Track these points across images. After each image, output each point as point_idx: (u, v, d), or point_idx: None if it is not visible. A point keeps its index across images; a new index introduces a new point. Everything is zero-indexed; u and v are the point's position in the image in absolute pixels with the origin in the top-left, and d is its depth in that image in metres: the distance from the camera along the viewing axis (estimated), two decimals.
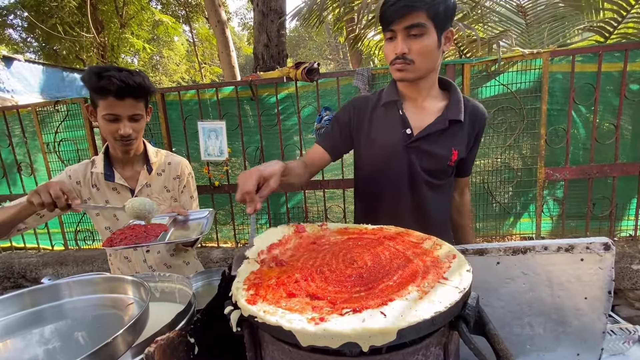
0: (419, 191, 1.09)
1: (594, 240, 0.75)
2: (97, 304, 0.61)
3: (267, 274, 0.53)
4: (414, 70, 1.00)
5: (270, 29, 3.21)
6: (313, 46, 17.11)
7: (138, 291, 0.60)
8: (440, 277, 0.47)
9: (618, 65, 2.20)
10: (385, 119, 1.09)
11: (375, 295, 0.44)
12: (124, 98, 1.07)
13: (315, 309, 0.42)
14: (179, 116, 2.72)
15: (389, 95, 1.10)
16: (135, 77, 1.08)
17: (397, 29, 0.96)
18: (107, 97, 1.06)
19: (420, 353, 0.42)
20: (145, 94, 1.13)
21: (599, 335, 0.80)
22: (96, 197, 1.22)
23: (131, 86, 1.06)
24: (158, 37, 11.27)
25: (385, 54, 1.03)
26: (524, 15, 3.37)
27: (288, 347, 0.43)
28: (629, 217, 2.42)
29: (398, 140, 1.07)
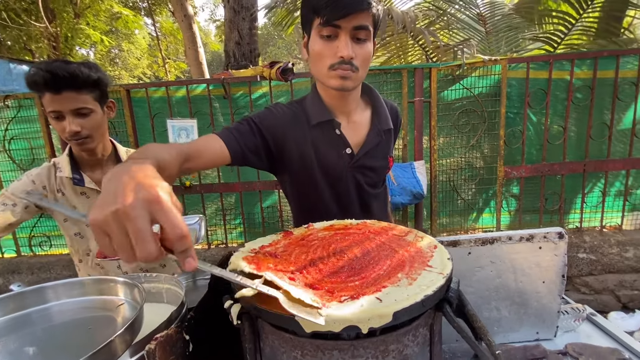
0: (367, 206, 1.03)
1: (550, 230, 0.85)
2: (86, 306, 0.59)
3: (262, 260, 0.55)
4: (356, 80, 0.87)
5: (241, 26, 3.18)
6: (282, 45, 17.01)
7: (130, 292, 0.59)
8: (425, 265, 0.52)
9: (566, 73, 2.42)
10: (322, 141, 0.94)
11: (369, 284, 0.47)
12: (60, 91, 0.97)
13: (316, 296, 0.45)
14: (146, 114, 2.61)
15: (319, 114, 0.93)
16: (69, 66, 0.96)
17: (343, 27, 0.80)
18: (44, 93, 0.98)
19: (411, 334, 0.46)
20: (88, 84, 1.01)
21: (555, 315, 0.90)
22: (61, 203, 1.15)
23: (61, 77, 0.94)
24: (117, 29, 10.67)
25: (319, 54, 0.84)
26: (484, 24, 3.60)
27: (289, 336, 0.45)
28: (575, 211, 2.67)
29: (340, 162, 0.95)
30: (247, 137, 0.86)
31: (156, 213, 0.39)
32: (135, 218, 0.37)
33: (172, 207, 0.40)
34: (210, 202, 2.86)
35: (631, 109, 2.42)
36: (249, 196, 2.74)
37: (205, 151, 0.79)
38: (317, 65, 0.87)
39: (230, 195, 2.82)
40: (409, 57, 3.68)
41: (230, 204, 2.85)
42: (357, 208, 1.02)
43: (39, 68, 0.95)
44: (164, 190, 0.41)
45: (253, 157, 0.88)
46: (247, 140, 0.85)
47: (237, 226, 2.83)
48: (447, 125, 2.57)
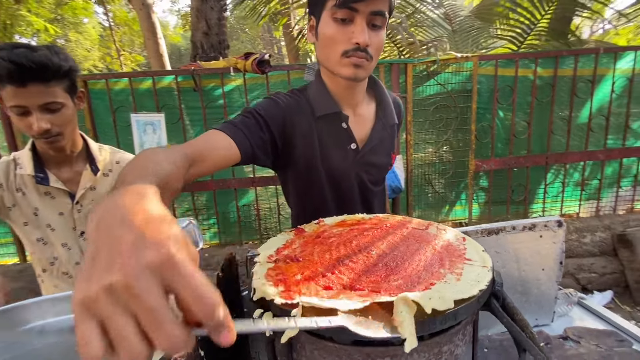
0: (369, 203, 0.99)
1: (550, 219, 0.86)
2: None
3: (287, 269, 0.50)
4: (368, 69, 0.81)
5: (209, 16, 3.01)
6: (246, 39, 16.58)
7: None
8: (464, 259, 0.49)
9: (530, 71, 2.56)
10: (327, 135, 0.88)
11: (414, 282, 0.44)
12: (26, 84, 0.83)
13: (362, 296, 0.40)
14: (107, 107, 2.40)
15: (325, 105, 0.86)
16: (37, 53, 0.83)
17: (361, 11, 0.74)
18: (5, 85, 0.84)
19: (460, 332, 0.43)
20: (59, 75, 0.87)
21: (552, 301, 0.92)
22: (22, 204, 0.99)
23: (28, 67, 0.81)
24: (63, 17, 9.76)
25: (333, 39, 0.77)
26: (450, 23, 3.72)
27: (332, 345, 0.40)
28: (538, 201, 2.85)
29: (345, 157, 0.89)
30: (255, 133, 0.77)
31: (171, 280, 0.26)
32: (142, 293, 0.25)
33: (191, 268, 0.27)
34: (180, 202, 2.69)
35: (587, 105, 2.61)
36: (223, 195, 2.61)
37: (210, 153, 0.68)
38: (327, 50, 0.79)
39: (202, 194, 2.67)
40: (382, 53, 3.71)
41: (203, 203, 2.71)
42: (359, 206, 0.97)
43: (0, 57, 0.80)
44: (177, 243, 0.28)
45: (262, 154, 0.79)
46: (256, 136, 0.77)
47: (211, 226, 2.70)
48: (421, 120, 2.62)
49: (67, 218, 1.04)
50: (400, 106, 1.03)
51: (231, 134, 0.72)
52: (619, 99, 2.63)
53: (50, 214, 1.02)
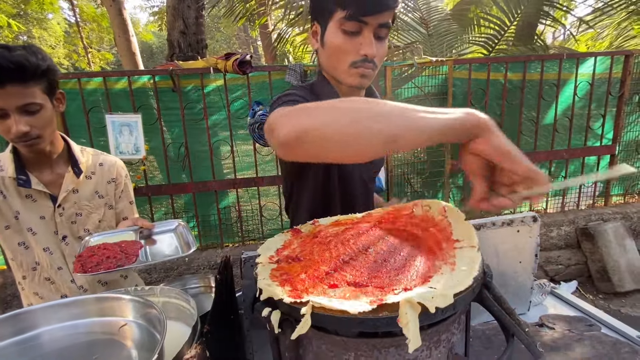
0: (368, 201, 1.04)
1: (526, 215, 0.92)
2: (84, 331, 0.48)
3: (291, 269, 0.51)
4: (372, 78, 0.85)
5: (187, 14, 2.95)
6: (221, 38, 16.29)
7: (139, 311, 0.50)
8: (453, 243, 0.53)
9: (501, 74, 2.69)
10: None
11: (412, 277, 0.46)
12: (4, 85, 0.80)
13: (368, 294, 0.42)
14: (79, 108, 2.30)
15: None
16: (15, 53, 0.80)
17: (370, 24, 0.76)
18: None
19: (456, 322, 0.46)
20: (36, 76, 0.84)
21: (528, 291, 0.99)
22: (2, 207, 0.94)
23: (5, 68, 0.78)
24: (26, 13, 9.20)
25: (340, 50, 0.80)
26: (426, 27, 3.84)
27: (340, 338, 0.43)
28: None
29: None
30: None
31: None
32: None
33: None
34: (158, 205, 2.62)
35: (553, 107, 2.78)
36: (203, 197, 2.57)
37: None
38: (335, 60, 0.81)
39: (180, 197, 2.62)
40: None
41: (182, 205, 2.65)
42: (362, 205, 1.00)
43: None
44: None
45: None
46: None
47: (191, 229, 2.64)
48: None
49: (49, 222, 1.00)
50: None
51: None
52: (581, 102, 2.82)
53: (32, 217, 0.98)
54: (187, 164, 2.46)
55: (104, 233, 0.93)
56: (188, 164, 2.46)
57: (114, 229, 0.99)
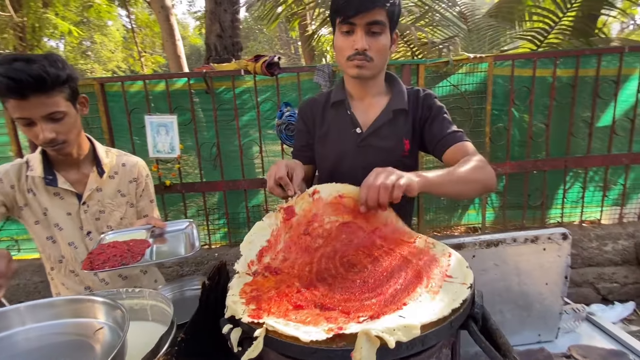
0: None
1: (554, 231, 0.82)
2: (57, 331, 0.51)
3: (263, 284, 0.49)
4: (372, 68, 0.98)
5: (223, 18, 3.05)
6: (264, 39, 16.72)
7: (111, 314, 0.52)
8: (444, 277, 0.48)
9: (549, 71, 2.46)
10: (335, 120, 1.08)
11: (387, 301, 0.42)
12: (27, 96, 0.84)
13: (330, 320, 0.39)
14: (122, 109, 2.47)
15: (337, 95, 1.08)
16: (32, 66, 0.84)
17: (358, 24, 0.92)
18: (7, 99, 0.86)
19: (435, 356, 0.42)
20: (57, 85, 0.89)
21: (557, 316, 0.88)
22: (33, 204, 1.04)
23: (24, 82, 0.82)
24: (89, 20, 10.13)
25: (339, 48, 0.98)
26: (465, 22, 3.62)
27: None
28: (557, 206, 2.73)
29: (349, 140, 1.05)
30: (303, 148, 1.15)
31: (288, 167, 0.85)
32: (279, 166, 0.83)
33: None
34: (191, 202, 2.74)
35: (611, 106, 2.49)
36: (233, 195, 2.64)
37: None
38: (339, 57, 1.00)
39: (213, 195, 2.71)
40: (394, 54, 3.66)
41: (214, 203, 2.75)
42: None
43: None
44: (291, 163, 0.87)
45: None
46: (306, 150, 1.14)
47: (221, 227, 2.73)
48: None
49: (74, 218, 1.08)
50: (419, 94, 1.08)
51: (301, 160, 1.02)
52: None
53: (59, 214, 1.06)
54: (218, 163, 2.55)
55: (118, 231, 0.98)
56: (219, 163, 2.54)
57: (130, 227, 1.04)
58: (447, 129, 1.03)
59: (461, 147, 1.00)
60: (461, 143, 1.01)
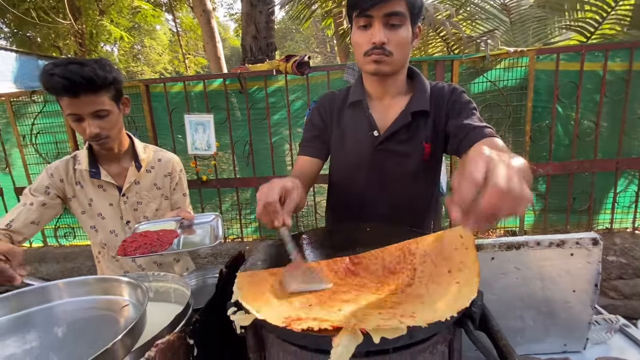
0: (393, 194, 1.02)
1: (583, 236, 0.78)
2: (90, 306, 0.59)
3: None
4: (391, 63, 0.91)
5: (258, 20, 3.15)
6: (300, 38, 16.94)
7: (134, 293, 0.58)
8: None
9: (599, 64, 2.27)
10: (352, 121, 1.02)
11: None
12: (78, 95, 0.96)
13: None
14: (164, 108, 2.64)
15: (355, 94, 1.01)
16: (85, 69, 0.95)
17: (375, 16, 0.86)
18: (62, 97, 0.97)
19: (428, 351, 0.42)
20: (104, 86, 1.00)
21: (585, 326, 0.83)
22: (80, 195, 1.17)
23: (77, 82, 0.93)
24: (139, 25, 10.88)
25: (357, 44, 0.91)
26: (508, 14, 3.42)
27: (294, 348, 0.42)
28: (606, 211, 2.52)
29: (366, 143, 0.99)
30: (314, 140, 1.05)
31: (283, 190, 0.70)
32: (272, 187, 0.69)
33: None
34: (226, 197, 2.87)
35: None
36: None
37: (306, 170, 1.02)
38: (356, 54, 0.94)
39: (245, 190, 2.82)
40: (429, 49, 3.56)
41: (246, 198, 2.86)
42: (378, 192, 1.01)
43: (54, 73, 0.94)
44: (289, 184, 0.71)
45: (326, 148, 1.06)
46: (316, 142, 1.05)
47: (252, 221, 2.84)
48: None
49: (116, 208, 1.19)
50: (443, 90, 0.99)
51: (308, 153, 1.04)
52: None
53: (102, 204, 1.18)
54: (250, 160, 2.65)
55: (150, 222, 1.07)
56: (252, 160, 2.64)
57: (161, 219, 1.13)
58: (474, 123, 0.92)
59: (490, 142, 0.85)
60: (491, 139, 0.88)
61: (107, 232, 1.18)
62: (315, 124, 1.06)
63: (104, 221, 1.18)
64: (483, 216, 0.41)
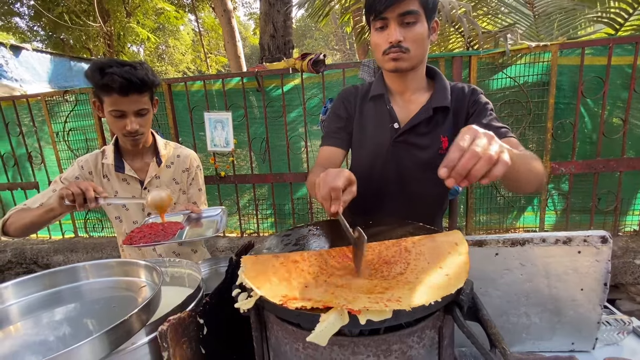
0: (408, 188, 1.07)
1: (591, 234, 0.77)
2: (112, 286, 0.65)
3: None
4: (409, 59, 0.96)
5: (276, 19, 3.20)
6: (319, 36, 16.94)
7: (150, 275, 0.64)
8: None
9: (628, 58, 2.17)
10: (373, 114, 1.07)
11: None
12: (128, 94, 1.06)
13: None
14: (185, 107, 2.74)
15: (376, 88, 1.07)
16: (138, 71, 1.06)
17: (390, 17, 0.92)
18: (111, 94, 1.05)
19: (416, 335, 0.44)
20: (149, 87, 1.11)
21: (594, 326, 0.82)
22: (106, 187, 1.25)
23: (134, 82, 1.04)
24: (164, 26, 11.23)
25: (376, 45, 0.98)
26: (531, 7, 3.31)
27: (292, 328, 0.46)
28: (634, 212, 2.41)
29: (386, 135, 1.04)
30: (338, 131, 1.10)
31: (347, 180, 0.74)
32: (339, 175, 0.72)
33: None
34: (243, 192, 2.95)
35: None
36: (280, 187, 2.79)
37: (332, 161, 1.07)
38: (375, 54, 1.00)
39: (262, 186, 2.89)
40: (449, 45, 3.50)
41: (263, 194, 2.92)
42: (395, 186, 1.04)
43: (113, 72, 1.02)
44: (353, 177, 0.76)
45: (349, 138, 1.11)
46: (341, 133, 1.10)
47: (268, 216, 2.90)
48: None
49: None
50: (465, 90, 1.05)
51: (332, 143, 1.09)
52: None
53: (126, 196, 1.26)
54: (267, 157, 2.71)
55: None
56: (268, 157, 2.70)
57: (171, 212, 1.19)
58: (492, 124, 0.99)
59: (507, 142, 0.88)
60: (507, 138, 0.96)
61: (131, 222, 1.26)
62: (340, 115, 1.11)
63: (127, 212, 1.25)
64: (460, 172, 0.52)
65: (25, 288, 0.62)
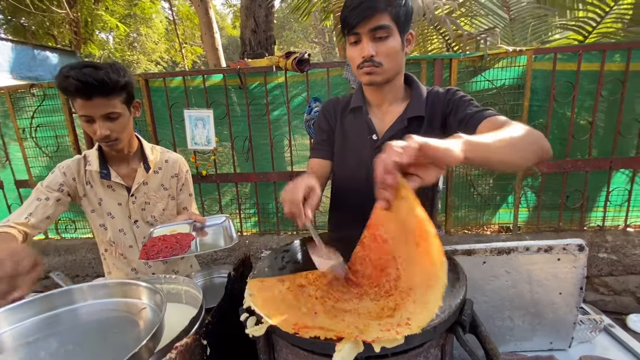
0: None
1: (570, 242, 0.83)
2: (111, 308, 0.63)
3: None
4: (382, 73, 0.97)
5: (257, 13, 3.14)
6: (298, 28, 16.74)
7: (152, 297, 0.62)
8: None
9: (596, 65, 2.30)
10: (353, 125, 1.09)
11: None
12: (91, 97, 0.99)
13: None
14: (164, 103, 2.65)
15: (356, 100, 1.09)
16: (99, 72, 0.97)
17: (362, 32, 0.93)
18: (76, 98, 1.00)
19: (422, 355, 0.47)
20: (116, 90, 1.02)
21: (570, 326, 0.88)
22: (90, 195, 1.19)
23: (90, 84, 0.96)
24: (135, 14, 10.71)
25: (352, 59, 0.99)
26: (507, 11, 3.42)
27: (303, 352, 0.47)
28: (598, 209, 2.59)
29: (366, 146, 1.06)
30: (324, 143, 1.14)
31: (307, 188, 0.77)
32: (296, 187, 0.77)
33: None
34: (225, 191, 2.90)
35: None
36: (263, 186, 2.77)
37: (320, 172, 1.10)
38: (353, 67, 1.02)
39: (245, 185, 2.85)
40: (428, 46, 3.56)
41: (246, 193, 2.89)
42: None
43: (69, 75, 0.96)
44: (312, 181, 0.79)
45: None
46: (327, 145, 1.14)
47: (252, 215, 2.88)
48: None
49: (124, 208, 1.22)
50: (439, 93, 1.05)
51: (320, 155, 1.13)
52: None
53: (111, 203, 1.21)
54: (250, 156, 2.67)
55: (164, 225, 1.10)
56: (251, 156, 2.67)
57: (173, 221, 1.16)
58: (473, 110, 0.95)
59: (495, 120, 0.87)
60: (494, 117, 0.89)
61: (116, 231, 1.22)
62: (323, 128, 1.15)
63: (113, 220, 1.21)
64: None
65: (19, 312, 0.59)
